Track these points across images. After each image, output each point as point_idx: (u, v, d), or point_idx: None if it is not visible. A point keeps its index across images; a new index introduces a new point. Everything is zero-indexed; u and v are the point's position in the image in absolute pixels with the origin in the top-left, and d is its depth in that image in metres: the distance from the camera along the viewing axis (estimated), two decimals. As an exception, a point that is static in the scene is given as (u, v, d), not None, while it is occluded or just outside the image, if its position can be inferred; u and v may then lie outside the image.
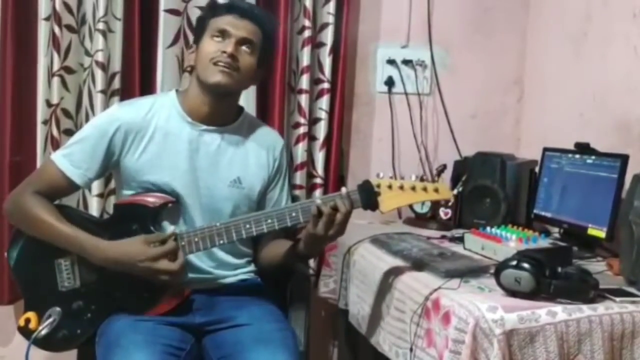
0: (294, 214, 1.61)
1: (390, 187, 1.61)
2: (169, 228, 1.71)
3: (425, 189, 1.62)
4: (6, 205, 1.73)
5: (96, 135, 1.69)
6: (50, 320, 1.65)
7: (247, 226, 1.62)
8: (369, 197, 1.60)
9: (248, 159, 1.79)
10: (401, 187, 1.61)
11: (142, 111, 1.72)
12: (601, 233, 1.86)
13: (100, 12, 2.09)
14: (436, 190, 1.62)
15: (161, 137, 1.71)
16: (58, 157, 1.70)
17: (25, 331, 1.66)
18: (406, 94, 2.50)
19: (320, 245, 1.71)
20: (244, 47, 1.70)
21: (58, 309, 1.66)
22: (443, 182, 1.68)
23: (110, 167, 1.73)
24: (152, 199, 1.69)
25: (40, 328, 1.64)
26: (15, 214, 1.70)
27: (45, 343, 1.67)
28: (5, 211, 1.74)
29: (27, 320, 1.67)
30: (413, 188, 1.62)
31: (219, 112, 1.74)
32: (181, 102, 1.74)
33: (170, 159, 1.71)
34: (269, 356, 1.55)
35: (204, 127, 1.73)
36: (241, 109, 1.84)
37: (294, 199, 2.01)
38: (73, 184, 1.70)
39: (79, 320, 1.67)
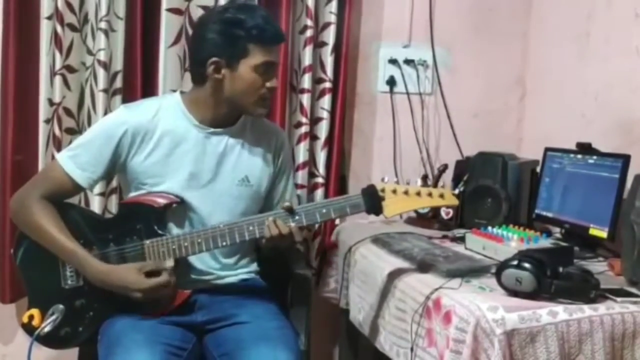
0: (297, 217, 1.62)
1: (394, 191, 1.60)
2: (174, 229, 1.71)
3: (430, 195, 1.61)
4: (12, 206, 1.74)
5: (103, 138, 1.70)
6: (53, 317, 1.66)
7: (250, 228, 1.63)
8: (372, 201, 1.60)
9: (254, 157, 1.79)
10: (406, 192, 1.60)
11: (149, 114, 1.72)
12: (603, 233, 1.86)
13: (103, 11, 2.09)
14: (441, 196, 1.61)
15: (168, 140, 1.71)
16: (64, 159, 1.70)
17: (28, 328, 1.68)
18: (408, 93, 2.50)
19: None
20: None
21: (61, 306, 1.67)
22: (443, 182, 1.67)
23: (116, 169, 1.74)
24: (157, 199, 1.69)
25: (43, 325, 1.65)
26: (20, 216, 1.71)
27: (47, 340, 1.68)
28: (11, 211, 1.75)
29: (31, 317, 1.68)
30: (418, 193, 1.61)
31: (227, 117, 1.75)
32: (187, 105, 1.74)
33: (177, 161, 1.71)
34: (270, 353, 1.55)
35: (211, 129, 1.74)
36: None
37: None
38: (77, 186, 1.70)
39: (81, 318, 1.68)
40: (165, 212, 1.70)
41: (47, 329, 1.65)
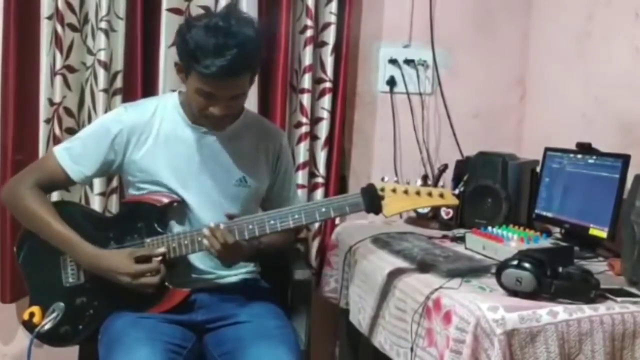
0: (296, 216, 1.61)
1: (394, 191, 1.60)
2: (175, 227, 1.72)
3: (430, 194, 1.61)
4: (4, 190, 1.74)
5: (99, 134, 1.71)
6: (54, 315, 1.66)
7: (250, 227, 1.62)
8: (372, 200, 1.60)
9: (252, 158, 1.79)
10: (405, 192, 1.60)
11: (147, 113, 1.72)
12: (603, 233, 1.86)
13: (103, 11, 2.09)
14: (441, 195, 1.61)
15: (164, 140, 1.72)
16: (59, 150, 1.72)
17: (28, 325, 1.68)
18: (408, 93, 2.50)
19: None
20: (235, 98, 1.65)
21: (62, 304, 1.67)
22: (443, 182, 1.68)
23: (112, 168, 1.74)
24: (158, 198, 1.70)
25: (44, 323, 1.65)
26: (11, 203, 1.72)
27: (47, 338, 1.69)
28: (2, 195, 1.75)
29: (31, 315, 1.69)
30: (418, 193, 1.61)
31: None
32: (183, 105, 1.74)
33: (174, 161, 1.72)
34: (270, 351, 1.56)
35: (205, 129, 1.74)
36: (242, 108, 1.84)
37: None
38: (69, 178, 1.71)
39: (81, 316, 1.69)
40: (166, 211, 1.71)
41: (47, 327, 1.65)
